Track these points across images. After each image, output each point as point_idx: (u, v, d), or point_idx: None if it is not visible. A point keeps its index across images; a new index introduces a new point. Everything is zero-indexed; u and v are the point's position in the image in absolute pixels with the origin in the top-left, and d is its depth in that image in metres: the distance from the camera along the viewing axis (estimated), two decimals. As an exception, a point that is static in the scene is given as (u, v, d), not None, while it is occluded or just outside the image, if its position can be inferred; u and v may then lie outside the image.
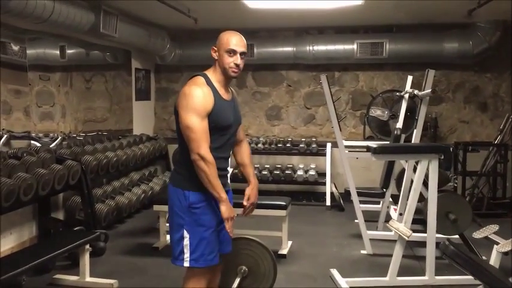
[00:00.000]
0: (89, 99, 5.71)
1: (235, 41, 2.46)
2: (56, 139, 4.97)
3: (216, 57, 2.49)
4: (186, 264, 2.47)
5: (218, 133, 2.46)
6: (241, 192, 2.74)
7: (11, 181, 3.62)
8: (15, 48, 4.41)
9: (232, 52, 2.45)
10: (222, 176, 2.56)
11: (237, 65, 2.47)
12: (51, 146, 4.70)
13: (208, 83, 2.45)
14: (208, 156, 2.33)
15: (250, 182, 2.74)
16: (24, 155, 4.06)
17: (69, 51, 5.36)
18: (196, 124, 2.33)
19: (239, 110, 2.68)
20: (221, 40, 2.48)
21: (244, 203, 2.68)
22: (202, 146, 2.33)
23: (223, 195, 2.38)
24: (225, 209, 2.40)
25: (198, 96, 2.36)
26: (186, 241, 2.45)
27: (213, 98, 2.40)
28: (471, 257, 2.72)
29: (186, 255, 2.45)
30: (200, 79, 2.46)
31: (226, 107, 2.49)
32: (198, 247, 2.45)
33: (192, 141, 2.34)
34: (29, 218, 4.49)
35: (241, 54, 2.48)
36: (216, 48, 2.49)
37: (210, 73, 2.51)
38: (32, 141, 4.61)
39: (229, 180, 2.83)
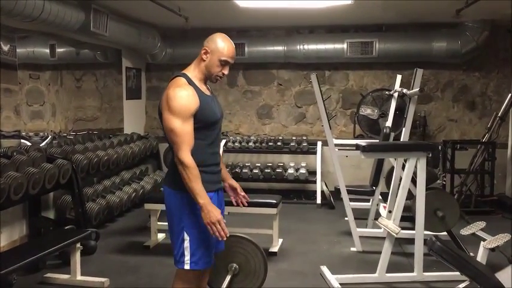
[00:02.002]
0: (79, 98, 5.70)
1: (231, 52, 2.46)
2: (46, 138, 4.96)
3: (205, 59, 2.46)
4: (187, 267, 2.43)
5: (208, 129, 2.46)
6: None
7: (1, 180, 3.61)
8: (5, 47, 4.39)
9: (225, 63, 2.46)
10: (217, 173, 2.56)
11: (223, 75, 2.49)
12: (41, 145, 4.69)
13: (190, 82, 2.43)
14: (187, 159, 2.30)
15: (229, 178, 2.78)
16: (15, 154, 4.05)
17: (59, 50, 5.35)
18: (179, 127, 2.32)
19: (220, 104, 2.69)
20: (217, 46, 2.44)
21: (242, 193, 2.78)
22: (182, 149, 2.31)
23: (202, 200, 2.31)
24: (204, 214, 2.31)
25: (182, 98, 2.34)
26: (187, 243, 2.42)
27: (197, 97, 2.39)
28: (457, 252, 2.77)
29: (187, 258, 2.43)
30: (181, 80, 2.43)
31: (210, 102, 2.49)
32: (198, 249, 2.43)
33: (174, 144, 2.34)
34: (20, 217, 4.48)
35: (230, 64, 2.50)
36: (208, 50, 2.45)
37: (189, 72, 2.49)
38: (22, 140, 4.59)
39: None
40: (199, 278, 2.57)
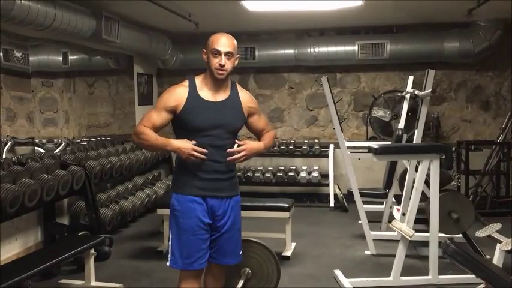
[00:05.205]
0: (92, 105, 5.75)
1: (220, 41, 2.43)
2: (59, 145, 5.01)
3: (205, 59, 2.50)
4: (168, 263, 2.57)
5: (193, 135, 2.44)
6: (244, 195, 2.77)
7: (15, 187, 3.65)
8: (18, 55, 4.45)
9: (216, 52, 2.42)
10: (205, 180, 2.47)
11: (221, 66, 2.41)
12: (55, 152, 4.74)
13: (190, 84, 2.48)
14: (138, 129, 2.47)
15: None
16: (29, 161, 4.10)
17: (71, 57, 5.41)
18: (147, 113, 2.51)
19: (238, 112, 2.55)
20: (208, 43, 2.49)
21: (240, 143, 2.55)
22: (137, 127, 2.49)
23: (170, 146, 2.44)
24: (181, 154, 2.42)
25: (164, 93, 2.52)
26: (170, 242, 2.56)
27: (183, 97, 2.45)
28: (471, 255, 2.73)
29: (169, 255, 2.57)
30: (183, 81, 2.54)
31: (205, 108, 2.45)
32: (175, 249, 2.53)
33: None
34: (34, 223, 4.53)
35: (227, 54, 2.42)
36: (204, 51, 2.51)
37: (200, 76, 2.54)
38: (36, 148, 4.65)
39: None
40: (196, 278, 2.59)
